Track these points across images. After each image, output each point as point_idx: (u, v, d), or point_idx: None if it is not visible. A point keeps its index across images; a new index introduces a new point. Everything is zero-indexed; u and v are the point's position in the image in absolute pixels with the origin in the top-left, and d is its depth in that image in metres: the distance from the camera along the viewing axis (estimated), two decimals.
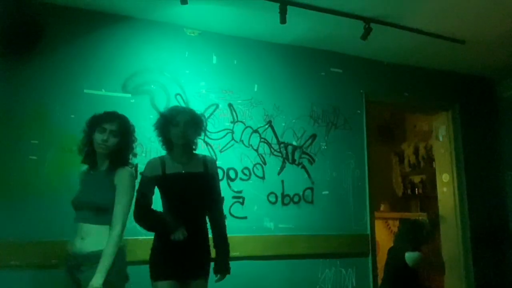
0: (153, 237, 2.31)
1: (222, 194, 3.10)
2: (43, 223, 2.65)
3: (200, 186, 2.17)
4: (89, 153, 2.10)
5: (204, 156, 2.32)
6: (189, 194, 2.14)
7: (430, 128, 4.87)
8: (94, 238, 1.96)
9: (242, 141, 3.29)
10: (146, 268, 2.82)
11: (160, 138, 2.27)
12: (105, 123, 2.06)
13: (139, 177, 2.93)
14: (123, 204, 2.01)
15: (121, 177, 2.04)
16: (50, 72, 2.84)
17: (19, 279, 2.57)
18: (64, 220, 2.69)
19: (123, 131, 2.10)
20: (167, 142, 2.24)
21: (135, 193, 2.13)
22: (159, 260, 2.12)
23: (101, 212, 1.98)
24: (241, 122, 3.32)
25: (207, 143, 3.18)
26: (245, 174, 3.25)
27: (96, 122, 2.08)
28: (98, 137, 2.05)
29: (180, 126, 2.14)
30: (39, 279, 2.60)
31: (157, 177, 2.16)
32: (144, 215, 2.15)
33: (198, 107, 3.20)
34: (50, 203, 2.69)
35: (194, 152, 2.30)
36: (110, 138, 2.05)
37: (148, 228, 2.20)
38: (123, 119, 2.14)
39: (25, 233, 2.61)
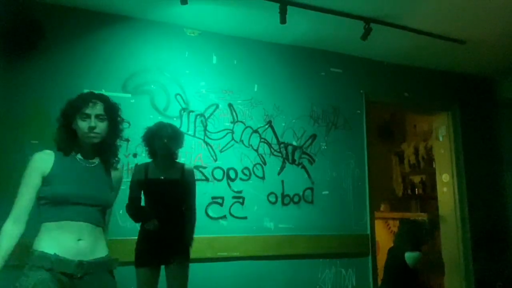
0: None
1: (222, 194, 3.14)
2: None
3: (175, 190, 2.53)
4: (71, 147, 1.74)
5: (183, 165, 2.63)
6: (165, 195, 2.51)
7: (430, 128, 4.87)
8: (100, 241, 1.69)
9: (242, 141, 3.29)
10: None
11: (146, 148, 2.62)
12: (85, 108, 1.70)
13: None
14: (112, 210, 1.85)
15: (118, 181, 1.86)
16: (50, 72, 2.84)
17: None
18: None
19: (110, 112, 1.76)
20: (151, 151, 2.59)
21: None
22: (138, 250, 2.48)
23: (104, 212, 1.74)
24: (241, 122, 3.32)
25: (207, 143, 3.18)
26: (245, 174, 3.25)
27: (74, 109, 1.73)
28: (83, 125, 1.69)
29: (162, 139, 2.50)
30: None
31: (140, 180, 2.53)
32: (129, 206, 2.55)
33: (198, 107, 3.21)
34: None
35: (175, 161, 2.64)
36: (98, 124, 1.70)
37: (131, 215, 2.56)
38: (105, 98, 1.78)
39: (25, 233, 2.60)
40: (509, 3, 2.93)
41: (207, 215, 3.08)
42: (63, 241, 1.59)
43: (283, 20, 2.88)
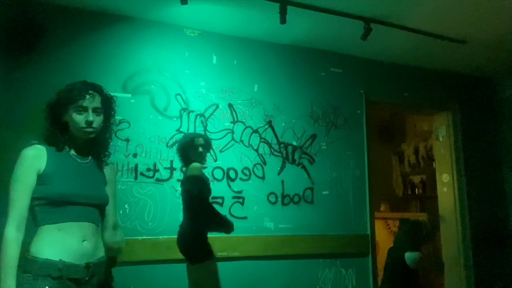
0: (150, 237, 2.35)
1: (222, 194, 3.14)
2: None
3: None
4: (64, 142, 1.63)
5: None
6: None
7: (430, 128, 4.87)
8: (100, 241, 1.62)
9: (242, 141, 3.29)
10: (145, 268, 2.83)
11: (181, 157, 2.69)
12: (82, 100, 1.58)
13: (139, 177, 2.94)
14: (115, 205, 1.79)
15: (112, 175, 1.78)
16: (50, 72, 2.84)
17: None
18: None
19: (106, 106, 1.67)
20: (185, 159, 2.66)
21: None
22: (201, 247, 2.50)
23: (101, 210, 1.66)
24: (241, 122, 3.32)
25: None
26: (245, 174, 3.25)
27: (68, 100, 1.62)
28: (79, 119, 1.58)
29: (197, 149, 2.62)
30: None
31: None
32: (220, 216, 2.67)
33: (198, 107, 3.21)
34: None
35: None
36: (96, 118, 1.60)
37: (224, 225, 2.63)
38: (101, 89, 1.69)
39: (25, 233, 2.60)
40: (509, 3, 2.93)
41: None
42: (68, 244, 1.48)
43: (283, 20, 2.88)
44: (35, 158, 1.54)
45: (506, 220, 4.24)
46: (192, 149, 2.62)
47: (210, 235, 3.06)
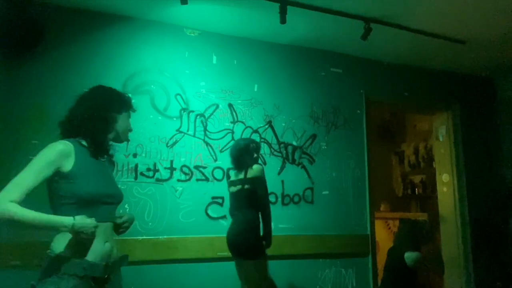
0: (150, 237, 2.34)
1: (222, 194, 3.14)
2: None
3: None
4: (105, 141, 1.65)
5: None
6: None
7: (430, 128, 4.87)
8: (113, 240, 1.61)
9: None
10: (145, 268, 2.83)
11: (234, 160, 2.82)
12: (131, 106, 1.74)
13: (139, 177, 2.94)
14: None
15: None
16: (50, 72, 2.84)
17: (19, 279, 2.56)
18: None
19: None
20: (239, 163, 2.80)
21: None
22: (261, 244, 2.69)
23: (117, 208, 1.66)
24: (241, 122, 3.32)
25: (207, 143, 3.18)
26: None
27: (126, 102, 1.71)
28: (127, 123, 1.70)
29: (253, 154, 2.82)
30: None
31: None
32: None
33: (198, 107, 3.21)
34: None
35: None
36: None
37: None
38: None
39: (25, 233, 2.61)
40: (509, 3, 2.93)
41: (207, 215, 3.08)
42: (93, 245, 1.48)
43: (283, 20, 2.88)
44: (61, 154, 1.49)
45: (506, 220, 4.24)
46: (248, 154, 2.78)
47: (210, 235, 3.07)
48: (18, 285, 2.56)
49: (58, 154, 1.48)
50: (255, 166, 2.72)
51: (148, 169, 2.97)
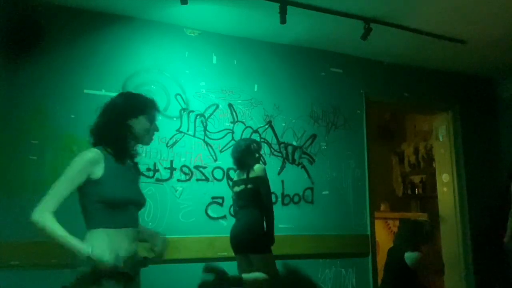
0: None
1: (223, 194, 3.15)
2: None
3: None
4: (127, 147, 1.71)
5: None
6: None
7: (430, 128, 4.88)
8: (136, 243, 1.69)
9: None
10: (146, 268, 2.82)
11: (236, 160, 2.88)
12: (152, 109, 1.79)
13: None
14: None
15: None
16: (50, 72, 2.85)
17: (19, 279, 2.57)
18: (64, 220, 2.70)
19: None
20: (241, 163, 2.86)
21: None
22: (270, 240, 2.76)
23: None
24: (241, 122, 3.32)
25: (207, 143, 3.18)
26: None
27: (140, 106, 1.75)
28: (145, 125, 1.74)
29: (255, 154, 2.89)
30: (39, 279, 2.59)
31: None
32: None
33: (198, 107, 3.21)
34: None
35: None
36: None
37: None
38: None
39: (25, 233, 2.60)
40: (509, 3, 2.93)
41: (207, 215, 3.08)
42: (124, 247, 1.58)
43: (283, 20, 2.88)
44: (91, 162, 1.58)
45: (506, 220, 4.24)
46: (249, 155, 2.82)
47: (210, 235, 3.07)
48: (18, 285, 2.57)
49: (87, 162, 1.58)
50: (256, 166, 2.76)
51: (148, 169, 2.97)
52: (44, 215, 1.51)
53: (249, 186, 2.76)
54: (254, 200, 2.74)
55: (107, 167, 1.60)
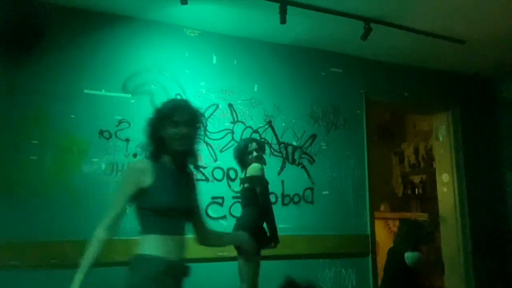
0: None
1: (223, 194, 3.15)
2: (43, 223, 2.65)
3: None
4: (163, 156, 1.75)
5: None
6: None
7: (430, 128, 4.88)
8: (183, 252, 1.73)
9: None
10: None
11: (237, 160, 2.87)
12: (176, 115, 1.76)
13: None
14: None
15: (196, 182, 1.92)
16: (50, 72, 2.84)
17: (19, 279, 2.57)
18: (64, 220, 2.71)
19: (195, 119, 1.82)
20: (242, 163, 2.85)
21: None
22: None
23: (191, 220, 1.80)
24: (241, 122, 3.32)
25: (207, 143, 3.18)
26: None
27: (165, 114, 1.78)
28: (170, 132, 1.75)
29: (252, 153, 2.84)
30: (39, 279, 2.60)
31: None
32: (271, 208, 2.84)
33: (198, 107, 3.20)
34: (50, 203, 2.69)
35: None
36: (187, 130, 1.77)
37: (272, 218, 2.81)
38: (190, 104, 1.86)
39: (25, 233, 2.61)
40: (509, 3, 2.93)
41: (207, 215, 3.08)
42: (171, 254, 1.64)
43: (283, 20, 2.88)
44: (139, 172, 1.65)
45: (506, 220, 4.24)
46: (246, 154, 2.80)
47: None
48: (18, 285, 2.56)
49: (136, 173, 1.65)
50: (253, 165, 2.73)
51: None
52: (100, 233, 1.60)
53: (245, 185, 2.75)
54: (251, 200, 2.72)
55: (155, 176, 1.64)
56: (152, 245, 1.64)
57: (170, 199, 1.66)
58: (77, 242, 2.69)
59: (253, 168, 2.72)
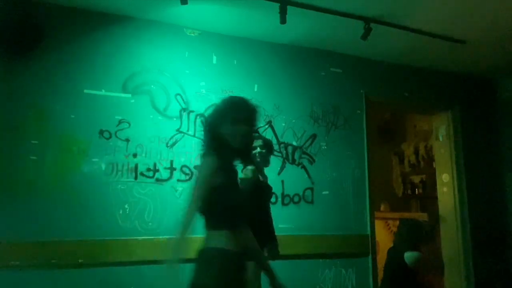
0: (150, 237, 2.35)
1: None
2: (43, 223, 2.65)
3: None
4: (228, 152, 1.81)
5: None
6: None
7: (430, 128, 4.88)
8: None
9: None
10: (145, 268, 2.83)
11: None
12: (238, 113, 1.82)
13: (139, 177, 2.94)
14: None
15: None
16: (50, 72, 2.84)
17: (19, 279, 2.57)
18: (64, 220, 2.71)
19: (254, 117, 1.89)
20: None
21: None
22: None
23: None
24: None
25: None
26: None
27: (225, 112, 1.83)
28: (229, 130, 1.81)
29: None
30: (39, 279, 2.60)
31: None
32: None
33: (198, 107, 3.21)
34: (50, 203, 2.69)
35: None
36: (246, 128, 1.84)
37: None
38: (248, 101, 1.91)
39: (25, 233, 2.61)
40: (509, 3, 2.93)
41: None
42: (238, 246, 1.73)
43: (283, 20, 2.88)
44: (212, 171, 1.69)
45: (506, 220, 4.24)
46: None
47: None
48: (18, 285, 2.57)
49: (210, 171, 1.69)
50: (248, 167, 2.63)
51: (148, 169, 2.97)
52: (180, 232, 1.61)
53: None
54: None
55: (223, 174, 1.70)
56: (222, 240, 1.70)
57: (239, 196, 1.76)
58: (77, 242, 2.72)
59: (245, 170, 2.63)
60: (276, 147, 3.40)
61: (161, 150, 3.04)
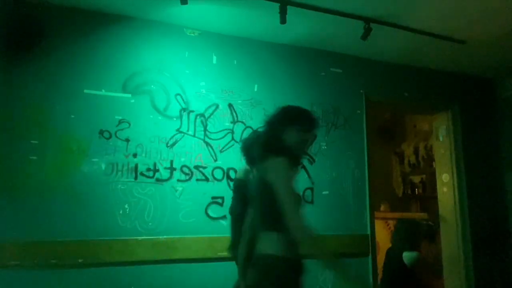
0: (150, 237, 2.33)
1: (223, 194, 3.14)
2: (43, 223, 2.65)
3: None
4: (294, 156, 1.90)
5: None
6: None
7: (430, 128, 4.88)
8: None
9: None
10: (145, 268, 2.84)
11: (244, 154, 2.59)
12: (295, 121, 1.95)
13: (139, 177, 2.94)
14: None
15: None
16: (50, 72, 2.85)
17: (19, 279, 2.57)
18: (64, 220, 2.71)
19: None
20: (250, 158, 2.61)
21: None
22: None
23: None
24: (241, 122, 3.32)
25: (207, 143, 3.18)
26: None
27: (290, 119, 1.93)
28: (292, 137, 1.92)
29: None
30: (39, 279, 2.60)
31: None
32: None
33: (198, 107, 3.21)
34: (50, 203, 2.69)
35: None
36: None
37: None
38: None
39: (25, 233, 2.61)
40: (509, 3, 2.93)
41: (207, 215, 3.08)
42: (298, 252, 1.84)
43: (283, 20, 2.88)
44: (289, 168, 1.76)
45: (506, 220, 4.24)
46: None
47: (210, 235, 3.07)
48: (18, 285, 2.57)
49: (288, 170, 1.75)
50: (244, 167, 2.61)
51: (148, 169, 2.97)
52: (310, 232, 1.73)
53: None
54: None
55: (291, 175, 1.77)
56: (280, 246, 1.77)
57: (301, 198, 1.79)
58: (77, 242, 2.72)
59: (239, 171, 2.64)
60: None
61: (161, 150, 3.04)
